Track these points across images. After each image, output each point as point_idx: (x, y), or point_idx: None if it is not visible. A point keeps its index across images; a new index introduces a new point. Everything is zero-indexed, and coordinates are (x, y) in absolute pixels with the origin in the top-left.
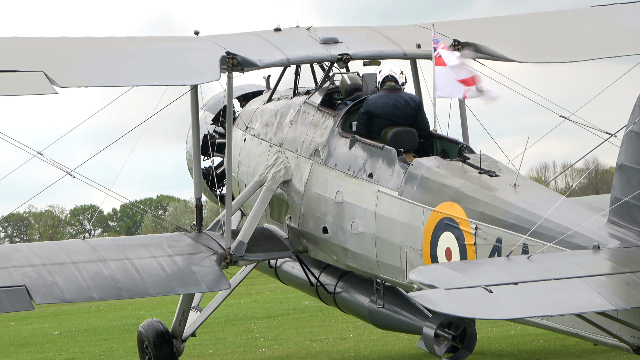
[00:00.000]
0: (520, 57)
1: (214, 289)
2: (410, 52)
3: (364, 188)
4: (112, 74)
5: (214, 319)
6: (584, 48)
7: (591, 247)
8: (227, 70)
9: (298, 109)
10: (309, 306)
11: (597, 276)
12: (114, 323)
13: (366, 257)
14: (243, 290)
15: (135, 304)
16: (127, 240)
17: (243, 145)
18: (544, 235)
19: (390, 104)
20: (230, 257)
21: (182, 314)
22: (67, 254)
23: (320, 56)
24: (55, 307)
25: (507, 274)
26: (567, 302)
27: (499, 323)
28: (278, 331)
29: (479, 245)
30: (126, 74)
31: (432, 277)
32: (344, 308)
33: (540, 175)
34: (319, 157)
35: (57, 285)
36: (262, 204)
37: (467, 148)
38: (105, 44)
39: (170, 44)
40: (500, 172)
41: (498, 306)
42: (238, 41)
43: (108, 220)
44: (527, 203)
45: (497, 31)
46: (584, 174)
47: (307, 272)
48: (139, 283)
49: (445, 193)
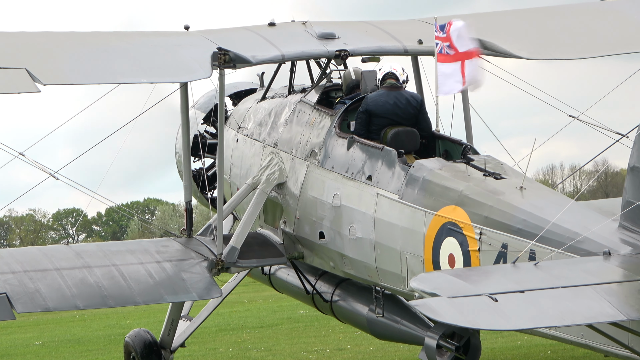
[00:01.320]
0: (527, 53)
1: (204, 297)
2: (412, 48)
3: (363, 191)
4: (97, 71)
5: (205, 329)
6: (593, 44)
7: (602, 254)
8: (218, 66)
9: (293, 108)
10: (304, 315)
11: (608, 284)
12: (99, 333)
13: (365, 263)
14: (235, 298)
15: (122, 313)
16: (113, 245)
17: (235, 146)
18: (551, 241)
19: (391, 103)
20: (222, 264)
21: (171, 323)
22: (50, 260)
23: (317, 52)
24: (38, 316)
25: (513, 281)
26: (577, 312)
27: (504, 333)
28: (272, 342)
29: (484, 251)
30: (112, 71)
31: (434, 285)
32: (342, 317)
33: (547, 177)
34: (316, 158)
35: (40, 293)
36: (256, 207)
37: (471, 149)
38: (90, 39)
39: (158, 40)
40: (505, 174)
41: (504, 316)
42: (230, 36)
43: (93, 224)
44: (534, 207)
45: (503, 26)
46: (594, 176)
47: (302, 279)
48: (125, 291)
49: (448, 196)
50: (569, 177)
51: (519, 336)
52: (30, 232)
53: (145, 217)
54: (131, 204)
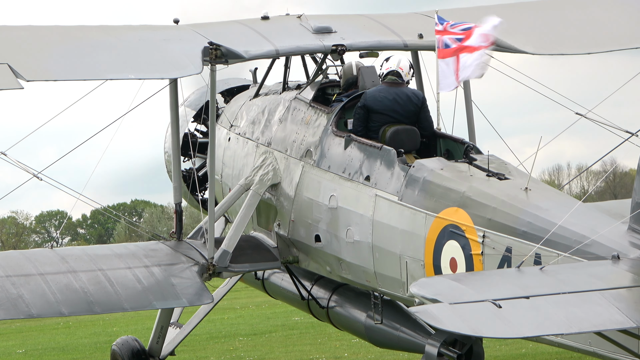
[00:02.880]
0: (533, 48)
1: (195, 303)
2: (412, 42)
3: (361, 192)
4: (83, 67)
5: (195, 336)
6: (602, 38)
7: (610, 257)
8: (209, 62)
9: (288, 106)
10: (299, 322)
11: (617, 289)
12: (84, 341)
13: (363, 268)
14: (227, 304)
15: (109, 320)
16: (99, 249)
17: (227, 145)
18: (558, 244)
19: (390, 99)
20: (213, 268)
21: (160, 330)
22: (34, 264)
23: (313, 47)
24: (20, 322)
25: (518, 287)
26: (584, 319)
27: (508, 341)
28: (265, 350)
29: (487, 255)
30: (98, 67)
31: (436, 291)
32: (338, 324)
33: (553, 178)
34: (311, 158)
35: (23, 298)
36: (249, 209)
37: (473, 148)
38: (75, 34)
39: (147, 34)
40: (510, 174)
41: (508, 323)
42: (222, 30)
43: (78, 227)
44: (540, 209)
45: (507, 20)
46: (602, 177)
47: (297, 284)
48: (112, 296)
49: (450, 198)
50: (576, 178)
51: (524, 344)
52: (12, 236)
53: (132, 220)
54: (118, 205)
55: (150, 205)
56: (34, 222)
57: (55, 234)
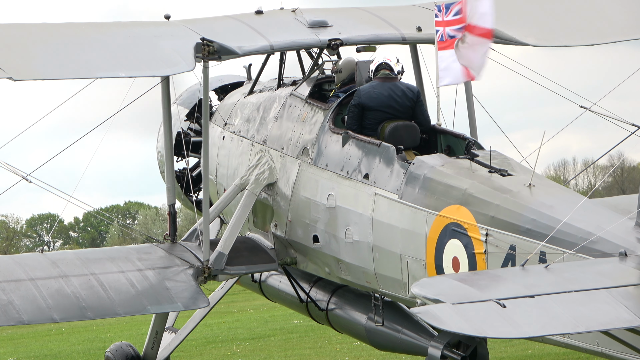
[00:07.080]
0: (535, 40)
1: (190, 307)
2: (410, 36)
3: (359, 191)
4: (72, 65)
5: (191, 341)
6: (606, 29)
7: (617, 255)
8: (202, 59)
9: (283, 102)
10: (298, 325)
11: (625, 287)
12: (77, 347)
13: (363, 268)
14: (224, 308)
15: (102, 326)
16: (91, 253)
17: (222, 144)
18: (563, 241)
19: (385, 95)
20: (209, 271)
21: (154, 335)
22: (24, 269)
23: (308, 42)
24: (11, 329)
25: (523, 286)
26: (591, 318)
27: (513, 342)
28: (264, 354)
29: (490, 253)
30: (88, 65)
31: (438, 291)
32: (338, 327)
33: (558, 173)
34: (308, 156)
35: (13, 305)
36: (244, 210)
37: (475, 144)
38: (64, 31)
39: (137, 30)
40: (513, 170)
41: (513, 323)
42: (215, 26)
43: (69, 230)
44: (544, 205)
45: (508, 11)
46: (608, 171)
47: (295, 286)
48: (105, 301)
49: (452, 195)
50: (582, 173)
51: (530, 344)
52: (2, 240)
53: (125, 222)
54: (110, 208)
55: (144, 207)
56: (24, 225)
57: (46, 238)
